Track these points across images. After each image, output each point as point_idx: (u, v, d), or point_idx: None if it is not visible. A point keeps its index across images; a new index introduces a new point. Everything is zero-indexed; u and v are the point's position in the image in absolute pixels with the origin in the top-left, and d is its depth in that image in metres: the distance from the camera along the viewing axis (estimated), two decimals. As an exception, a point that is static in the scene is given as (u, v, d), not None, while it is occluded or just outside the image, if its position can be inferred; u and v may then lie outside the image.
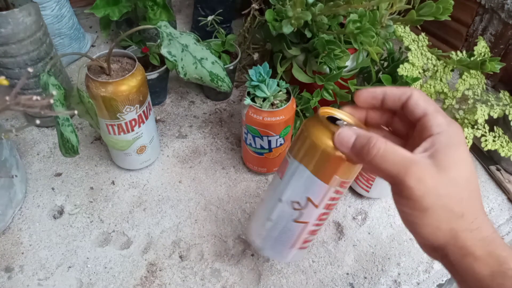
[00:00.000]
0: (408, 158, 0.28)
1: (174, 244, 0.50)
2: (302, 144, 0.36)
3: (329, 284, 0.48)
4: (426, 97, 0.32)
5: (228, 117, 0.68)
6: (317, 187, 0.36)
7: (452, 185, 0.28)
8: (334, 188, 0.37)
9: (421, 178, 0.28)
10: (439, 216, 0.28)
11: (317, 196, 0.37)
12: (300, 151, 0.36)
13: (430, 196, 0.27)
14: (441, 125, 0.30)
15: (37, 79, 0.56)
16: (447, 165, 0.28)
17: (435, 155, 0.29)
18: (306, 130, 0.36)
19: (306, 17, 0.48)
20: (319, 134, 0.34)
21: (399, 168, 0.28)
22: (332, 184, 0.36)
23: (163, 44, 0.42)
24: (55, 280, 0.46)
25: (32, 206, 0.53)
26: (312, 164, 0.36)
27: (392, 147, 0.29)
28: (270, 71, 0.49)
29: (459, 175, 0.28)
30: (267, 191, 0.42)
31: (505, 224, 0.56)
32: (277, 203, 0.39)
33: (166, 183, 0.57)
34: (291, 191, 0.38)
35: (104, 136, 0.51)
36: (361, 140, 0.30)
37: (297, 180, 0.37)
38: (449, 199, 0.28)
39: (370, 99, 0.35)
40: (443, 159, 0.28)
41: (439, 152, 0.29)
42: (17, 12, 0.48)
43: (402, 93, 0.33)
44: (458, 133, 0.30)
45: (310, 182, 0.36)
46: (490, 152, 0.63)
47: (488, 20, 0.71)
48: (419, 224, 0.28)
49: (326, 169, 0.35)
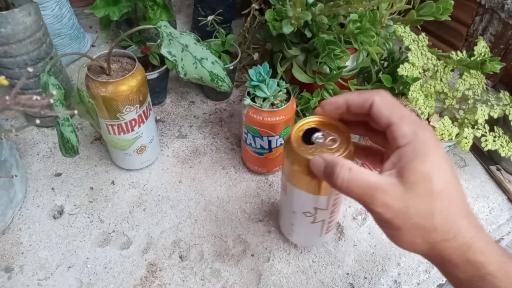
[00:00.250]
0: (373, 185, 0.28)
1: (174, 244, 0.50)
2: (288, 171, 0.38)
3: (329, 284, 0.48)
4: (389, 102, 0.30)
5: (228, 117, 0.68)
6: (318, 200, 0.39)
7: (420, 202, 0.27)
8: (334, 195, 0.39)
9: (387, 203, 0.27)
10: (412, 233, 0.28)
11: (322, 204, 0.40)
12: (289, 176, 0.39)
13: (399, 217, 0.27)
14: (406, 135, 0.28)
15: (37, 79, 0.56)
16: (413, 181, 0.27)
17: (401, 172, 0.28)
18: (286, 157, 0.37)
19: (306, 17, 0.48)
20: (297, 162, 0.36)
21: (364, 197, 0.28)
22: (331, 193, 0.39)
23: (163, 44, 0.42)
24: (55, 280, 0.46)
25: (32, 206, 0.53)
26: (304, 186, 0.38)
27: (356, 174, 0.29)
28: (270, 71, 0.49)
29: (427, 189, 0.27)
30: (281, 201, 0.47)
31: (505, 224, 0.56)
32: (291, 213, 0.44)
33: (166, 183, 0.57)
34: (299, 206, 0.41)
35: (104, 136, 0.51)
36: (328, 169, 0.30)
37: (298, 198, 0.40)
38: (418, 217, 0.27)
39: (335, 109, 0.34)
40: (410, 175, 0.27)
41: (404, 169, 0.28)
42: (17, 12, 0.48)
43: (364, 101, 0.31)
44: (425, 141, 0.28)
45: (310, 198, 0.39)
46: (490, 152, 0.63)
47: (488, 20, 0.71)
48: (397, 239, 0.29)
49: (319, 188, 0.38)
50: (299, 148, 0.34)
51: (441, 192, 0.27)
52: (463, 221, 0.28)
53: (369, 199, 0.28)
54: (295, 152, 0.34)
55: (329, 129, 0.35)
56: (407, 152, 0.28)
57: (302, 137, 0.35)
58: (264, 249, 0.50)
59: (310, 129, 0.36)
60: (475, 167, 0.63)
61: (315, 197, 0.39)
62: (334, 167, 0.30)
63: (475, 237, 0.27)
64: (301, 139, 0.35)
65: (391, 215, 0.28)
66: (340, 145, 0.34)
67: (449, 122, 0.54)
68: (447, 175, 0.28)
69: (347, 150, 0.34)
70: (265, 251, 0.50)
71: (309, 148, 0.34)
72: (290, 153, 0.36)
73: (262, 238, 0.51)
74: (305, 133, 0.35)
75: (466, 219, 0.28)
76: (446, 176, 0.28)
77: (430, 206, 0.27)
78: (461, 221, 0.28)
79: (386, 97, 0.31)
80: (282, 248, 0.50)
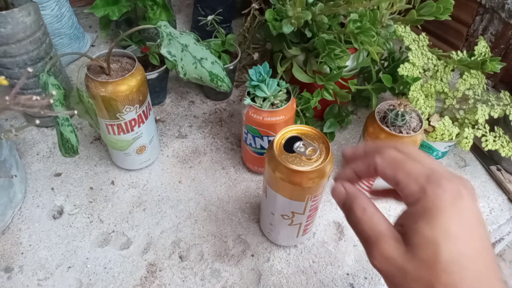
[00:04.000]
0: (379, 232, 0.26)
1: (174, 244, 0.50)
2: (269, 176, 0.40)
3: (329, 284, 0.48)
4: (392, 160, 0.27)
5: (228, 117, 0.68)
6: (296, 205, 0.41)
7: (421, 269, 0.23)
8: (311, 201, 0.42)
9: (386, 258, 0.25)
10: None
11: (299, 209, 0.42)
12: (269, 181, 0.41)
13: (397, 277, 0.25)
14: (413, 194, 0.25)
15: (36, 79, 0.56)
16: (417, 244, 0.24)
17: (407, 230, 0.25)
18: (267, 163, 0.39)
19: (306, 17, 0.48)
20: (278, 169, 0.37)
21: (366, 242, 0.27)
22: (308, 200, 0.41)
23: (163, 44, 0.42)
24: (55, 280, 0.46)
25: (31, 206, 0.53)
26: (283, 192, 0.40)
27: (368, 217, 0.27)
28: (270, 71, 0.49)
29: (431, 257, 0.23)
30: (262, 203, 0.49)
31: (506, 224, 0.56)
32: (270, 214, 0.45)
33: (166, 183, 0.57)
34: (277, 208, 0.43)
35: (104, 136, 0.50)
36: (347, 202, 0.29)
37: (277, 202, 0.42)
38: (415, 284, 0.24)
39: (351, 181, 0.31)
40: (413, 236, 0.24)
41: (409, 228, 0.25)
42: (17, 11, 0.48)
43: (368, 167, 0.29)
44: (435, 199, 0.24)
45: (288, 203, 0.41)
46: (491, 152, 0.63)
47: (488, 20, 0.71)
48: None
49: (298, 194, 0.40)
50: (280, 156, 0.36)
51: (450, 263, 0.23)
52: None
53: (369, 246, 0.26)
54: (277, 159, 0.36)
55: (311, 139, 0.37)
56: (413, 211, 0.25)
57: (284, 145, 0.37)
58: (264, 249, 0.50)
59: (292, 137, 0.38)
60: (475, 167, 0.63)
61: (293, 202, 0.41)
62: (354, 203, 0.28)
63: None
64: (283, 147, 0.37)
65: (388, 271, 0.25)
66: (319, 155, 0.36)
67: (449, 122, 0.54)
68: (461, 243, 0.23)
69: (326, 160, 0.36)
70: (265, 251, 0.50)
71: (290, 156, 0.36)
72: (272, 160, 0.37)
73: (262, 238, 0.51)
74: (287, 141, 0.38)
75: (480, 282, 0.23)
76: (460, 244, 0.23)
77: (432, 277, 0.23)
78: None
79: (388, 155, 0.28)
80: (282, 248, 0.50)
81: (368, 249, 0.27)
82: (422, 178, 0.25)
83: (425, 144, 0.59)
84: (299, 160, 0.36)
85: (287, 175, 0.36)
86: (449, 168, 0.62)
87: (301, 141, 0.37)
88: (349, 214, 0.28)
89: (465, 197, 0.24)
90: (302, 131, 0.38)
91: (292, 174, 0.36)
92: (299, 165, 0.36)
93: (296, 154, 0.36)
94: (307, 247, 0.51)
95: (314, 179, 0.37)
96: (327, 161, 0.36)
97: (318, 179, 0.37)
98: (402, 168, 0.26)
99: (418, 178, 0.25)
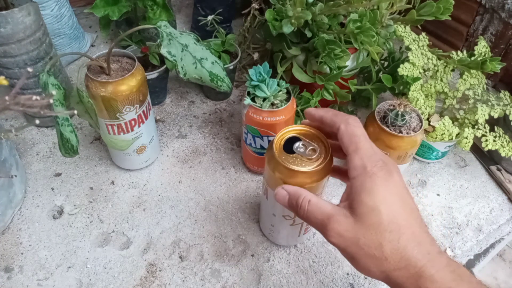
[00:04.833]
0: (327, 215, 0.31)
1: (174, 244, 0.50)
2: (269, 176, 0.40)
3: (329, 284, 0.48)
4: (352, 132, 0.32)
5: (228, 117, 0.68)
6: None
7: (370, 233, 0.29)
8: None
9: (340, 233, 0.30)
10: (366, 262, 0.30)
11: None
12: (270, 181, 0.40)
13: (352, 247, 0.30)
14: (356, 168, 0.31)
15: (36, 79, 0.56)
16: (362, 212, 0.29)
17: (352, 204, 0.30)
18: (267, 164, 0.39)
19: (306, 17, 0.48)
20: (277, 169, 0.37)
21: (321, 227, 0.31)
22: None
23: (163, 44, 0.42)
24: (55, 280, 0.46)
25: (31, 206, 0.53)
26: None
27: (314, 206, 0.32)
28: (270, 71, 0.49)
29: (376, 221, 0.29)
30: (262, 204, 0.48)
31: (506, 224, 0.56)
32: (271, 216, 0.45)
33: (166, 183, 0.57)
34: (278, 209, 0.43)
35: (104, 136, 0.50)
36: (292, 201, 0.34)
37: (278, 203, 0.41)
38: (368, 247, 0.29)
39: (311, 120, 0.37)
40: (358, 207, 0.30)
41: (354, 201, 0.30)
42: (17, 12, 0.48)
43: (333, 124, 0.34)
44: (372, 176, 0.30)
45: None
46: (491, 152, 0.63)
47: (488, 20, 0.71)
48: (355, 266, 0.31)
49: None
50: (280, 156, 0.36)
51: (390, 223, 0.29)
52: (413, 250, 0.29)
53: (324, 228, 0.31)
54: (277, 160, 0.36)
55: (310, 139, 0.37)
56: (356, 185, 0.30)
57: (284, 145, 0.37)
58: (264, 249, 0.50)
59: (292, 137, 0.38)
60: (475, 167, 0.63)
61: None
62: (298, 199, 0.33)
63: (426, 265, 0.28)
64: (282, 148, 0.37)
65: (344, 244, 0.30)
66: (319, 155, 0.36)
67: (449, 122, 0.54)
68: (396, 207, 0.30)
69: (326, 160, 0.36)
70: (265, 251, 0.50)
71: (290, 157, 0.36)
72: (272, 161, 0.37)
73: (262, 238, 0.51)
74: (287, 141, 0.38)
75: (417, 248, 0.29)
76: (395, 208, 0.29)
77: (379, 237, 0.29)
78: (411, 250, 0.29)
79: (351, 127, 0.32)
80: (282, 248, 0.50)
81: (323, 231, 0.31)
82: (366, 156, 0.31)
83: (425, 144, 0.59)
84: (299, 161, 0.36)
85: (287, 176, 0.36)
86: (449, 168, 0.62)
87: (301, 141, 0.37)
88: (298, 210, 0.33)
89: (395, 174, 0.31)
90: (302, 131, 0.38)
91: (292, 175, 0.36)
92: (299, 165, 0.36)
93: (296, 154, 0.36)
94: (307, 247, 0.51)
95: (314, 179, 0.37)
96: (327, 161, 0.36)
97: (318, 179, 0.37)
98: (355, 143, 0.31)
99: (363, 156, 0.31)
